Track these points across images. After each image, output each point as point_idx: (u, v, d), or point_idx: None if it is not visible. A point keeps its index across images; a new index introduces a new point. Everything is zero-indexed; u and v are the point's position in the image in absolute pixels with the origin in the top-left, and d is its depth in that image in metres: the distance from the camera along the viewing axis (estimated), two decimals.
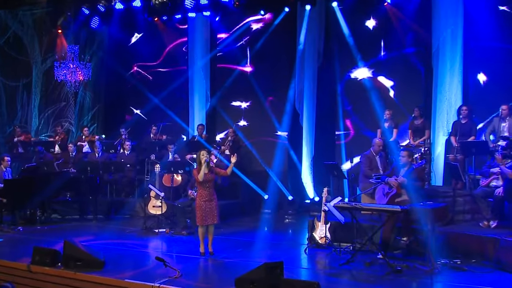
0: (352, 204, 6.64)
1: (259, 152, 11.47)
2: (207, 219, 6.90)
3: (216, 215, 6.96)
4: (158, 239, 8.35)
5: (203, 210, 6.89)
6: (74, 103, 13.16)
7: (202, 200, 6.93)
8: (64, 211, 10.16)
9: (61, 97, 13.09)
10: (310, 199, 10.71)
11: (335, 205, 6.91)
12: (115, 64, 12.71)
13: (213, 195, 6.99)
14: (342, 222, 6.96)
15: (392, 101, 10.42)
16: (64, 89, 12.39)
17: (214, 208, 6.94)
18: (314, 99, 11.03)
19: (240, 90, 12.02)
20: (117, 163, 10.58)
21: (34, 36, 12.79)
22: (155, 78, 13.01)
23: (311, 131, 11.08)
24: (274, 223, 9.36)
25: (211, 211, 6.91)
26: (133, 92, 13.08)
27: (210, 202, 6.93)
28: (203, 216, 6.89)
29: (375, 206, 6.76)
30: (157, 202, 9.07)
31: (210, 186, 6.97)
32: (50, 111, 13.09)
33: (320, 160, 10.53)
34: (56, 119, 13.10)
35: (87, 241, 7.68)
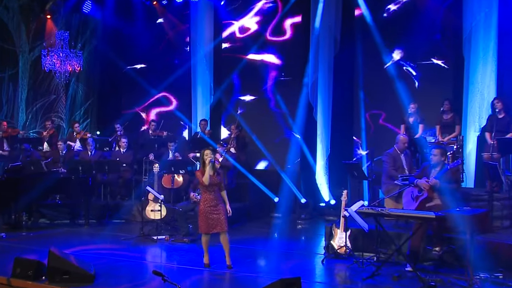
0: (378, 210, 6.22)
1: (269, 150, 11.37)
2: (213, 227, 6.55)
3: (224, 221, 6.60)
4: (157, 247, 8.09)
5: (208, 216, 6.55)
6: (65, 97, 12.94)
7: (207, 205, 6.58)
8: (53, 215, 9.95)
9: (51, 89, 12.84)
10: (325, 202, 10.56)
11: (357, 210, 6.56)
12: (110, 54, 12.54)
13: (219, 199, 6.65)
14: (366, 230, 6.62)
15: (417, 93, 10.09)
16: (54, 80, 12.13)
17: (221, 214, 6.59)
18: (330, 90, 10.80)
19: (248, 81, 11.93)
20: (112, 162, 10.33)
21: (20, 22, 12.49)
22: (154, 68, 12.93)
23: (327, 126, 10.87)
24: (286, 229, 9.17)
25: (218, 218, 6.57)
26: (130, 84, 12.92)
27: (216, 208, 6.58)
28: (208, 223, 6.54)
29: (406, 212, 6.33)
30: (155, 205, 8.90)
31: (215, 189, 6.64)
32: (38, 105, 12.81)
33: (336, 159, 10.40)
34: (45, 114, 12.80)
35: (76, 250, 7.45)
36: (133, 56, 12.83)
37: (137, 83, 12.41)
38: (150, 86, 12.40)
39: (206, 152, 6.63)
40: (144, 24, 12.74)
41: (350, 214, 6.67)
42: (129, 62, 12.76)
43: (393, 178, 7.60)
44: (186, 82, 12.34)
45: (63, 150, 10.76)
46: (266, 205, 10.62)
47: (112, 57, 12.50)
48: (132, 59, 12.83)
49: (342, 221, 7.18)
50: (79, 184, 9.60)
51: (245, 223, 9.80)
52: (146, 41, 12.69)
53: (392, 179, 7.65)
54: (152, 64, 12.96)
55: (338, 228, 7.23)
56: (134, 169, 11.02)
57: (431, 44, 10.11)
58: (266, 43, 11.71)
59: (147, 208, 9.06)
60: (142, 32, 12.69)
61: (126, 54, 12.73)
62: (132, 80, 12.66)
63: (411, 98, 9.60)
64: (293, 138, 10.88)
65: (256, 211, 10.38)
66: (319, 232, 9.11)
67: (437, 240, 6.60)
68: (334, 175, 10.62)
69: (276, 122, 11.55)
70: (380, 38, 10.16)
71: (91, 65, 13.04)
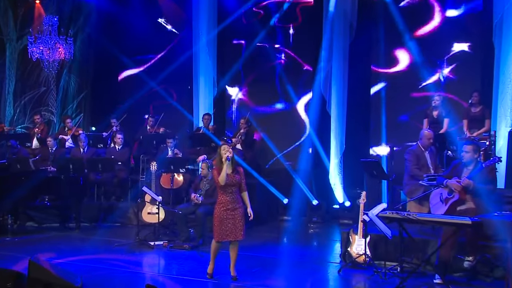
0: (404, 214, 5.87)
1: (278, 147, 11.16)
2: (229, 234, 6.16)
3: (241, 228, 6.21)
4: (154, 254, 7.87)
5: (224, 222, 6.15)
6: (56, 89, 12.78)
7: (223, 208, 6.18)
8: (41, 218, 9.75)
9: (41, 81, 12.66)
10: (339, 204, 10.38)
11: (379, 214, 6.21)
12: (105, 42, 12.26)
13: (238, 202, 6.26)
14: (389, 236, 6.27)
15: (442, 84, 9.94)
16: (44, 71, 11.85)
17: (238, 219, 6.19)
18: (344, 81, 10.53)
19: (255, 71, 11.83)
20: (106, 160, 10.14)
21: (7, 8, 12.30)
22: (153, 58, 12.86)
23: (341, 120, 10.60)
24: (296, 234, 9.04)
25: (235, 224, 6.17)
26: (126, 76, 12.88)
27: (234, 212, 6.18)
28: (222, 229, 6.15)
29: (438, 217, 5.94)
30: (153, 208, 8.58)
31: (234, 191, 6.24)
32: (27, 98, 12.67)
33: (351, 156, 10.23)
34: (34, 108, 12.62)
35: (63, 258, 7.22)
36: (130, 45, 12.64)
37: (135, 74, 12.37)
38: (149, 77, 12.28)
39: (224, 147, 6.25)
40: (142, 10, 12.57)
41: (371, 218, 6.34)
42: (125, 51, 12.55)
43: (417, 178, 7.35)
44: (187, 72, 12.20)
45: (52, 147, 10.57)
46: (275, 207, 10.50)
47: (107, 46, 12.19)
48: (128, 48, 12.64)
49: (360, 226, 6.93)
50: (70, 184, 9.38)
51: (251, 226, 9.21)
52: (144, 28, 12.53)
53: (415, 179, 7.39)
54: (151, 53, 12.86)
55: (356, 234, 6.98)
56: (131, 167, 10.91)
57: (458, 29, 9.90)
58: (274, 30, 11.61)
59: (144, 210, 8.73)
60: (140, 19, 12.52)
61: (123, 42, 12.52)
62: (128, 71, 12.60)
63: (435, 89, 9.44)
64: (304, 134, 10.81)
65: (264, 214, 10.18)
66: (333, 238, 9.03)
67: (470, 249, 6.27)
68: (349, 174, 10.42)
69: (286, 116, 11.51)
70: (402, 23, 9.91)
71: (85, 55, 12.85)
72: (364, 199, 7.04)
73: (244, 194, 6.33)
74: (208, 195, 8.18)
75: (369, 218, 6.39)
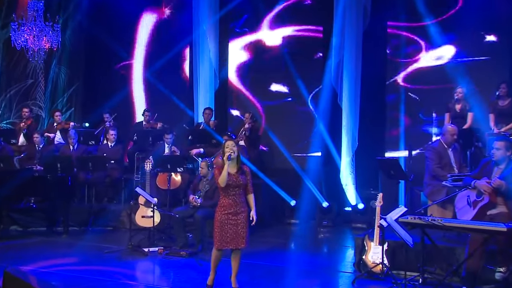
0: (428, 220, 5.57)
1: (285, 144, 11.01)
2: (229, 241, 5.81)
3: (244, 236, 5.85)
4: (148, 262, 7.68)
5: (224, 227, 5.80)
6: (44, 81, 12.65)
7: (224, 212, 5.82)
8: (27, 221, 9.59)
9: (28, 73, 12.54)
10: (351, 206, 10.20)
11: (398, 219, 5.92)
12: (97, 31, 12.12)
13: (242, 206, 5.87)
14: (411, 244, 5.93)
15: (466, 74, 9.56)
16: (31, 62, 11.64)
17: (241, 226, 5.82)
18: (358, 71, 10.27)
19: (259, 61, 11.71)
20: (98, 158, 10.03)
21: None
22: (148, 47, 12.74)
23: (354, 115, 10.34)
24: (304, 239, 9.00)
25: (236, 231, 5.81)
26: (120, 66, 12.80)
27: (236, 217, 5.81)
28: (222, 236, 5.80)
29: (468, 224, 5.62)
30: (147, 211, 8.50)
31: (237, 193, 5.84)
32: (13, 91, 12.53)
33: (365, 154, 10.08)
34: (21, 102, 12.43)
35: (47, 267, 7.00)
36: (125, 34, 12.58)
37: (129, 65, 12.30)
38: (144, 68, 12.31)
39: (228, 144, 5.87)
40: None
41: (389, 224, 6.00)
42: (119, 40, 12.42)
43: (439, 179, 7.14)
44: (185, 63, 12.19)
45: (39, 144, 10.42)
46: (281, 209, 10.44)
47: (100, 35, 12.02)
48: (123, 37, 12.55)
49: (377, 232, 6.66)
50: (57, 184, 9.21)
51: (256, 231, 9.08)
52: (139, 15, 12.47)
53: (437, 180, 7.19)
54: (147, 42, 12.77)
55: (372, 241, 6.72)
56: (124, 166, 10.80)
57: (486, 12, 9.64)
58: (280, 15, 11.46)
59: (138, 213, 8.65)
60: (135, 6, 12.43)
61: (116, 31, 12.39)
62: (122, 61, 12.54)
63: (458, 80, 9.21)
64: (314, 129, 10.66)
65: (269, 217, 10.05)
66: (345, 243, 8.94)
67: (502, 258, 5.99)
68: (362, 173, 10.24)
69: (294, 110, 11.40)
70: (423, 7, 9.72)
71: (75, 44, 12.74)
72: (381, 201, 6.78)
73: (250, 196, 5.98)
74: (208, 197, 7.99)
75: (387, 223, 6.08)
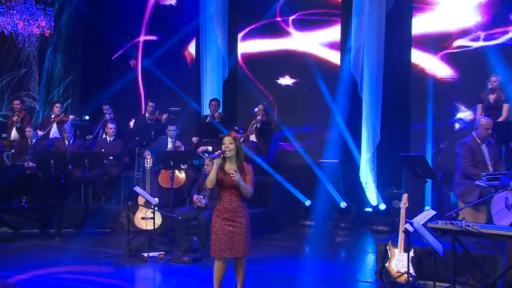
0: (461, 225, 5.29)
1: (300, 139, 11.01)
2: (224, 250, 5.48)
3: (242, 243, 5.48)
4: (147, 268, 7.55)
5: (218, 234, 5.50)
6: (39, 71, 12.65)
7: (219, 216, 5.53)
8: (18, 223, 9.60)
9: (21, 61, 12.58)
10: (372, 206, 10.12)
11: (427, 224, 5.67)
12: (95, 17, 12.18)
13: (240, 211, 5.51)
14: (441, 253, 5.70)
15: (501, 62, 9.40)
16: (24, 50, 11.74)
17: (238, 235, 5.47)
18: (380, 59, 10.15)
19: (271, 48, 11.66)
20: (94, 154, 10.03)
21: None
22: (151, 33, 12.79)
23: (375, 106, 10.22)
24: (320, 243, 8.86)
25: (232, 237, 5.47)
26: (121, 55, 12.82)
27: (233, 224, 5.47)
28: (217, 243, 5.51)
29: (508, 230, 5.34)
30: (147, 212, 8.43)
31: (234, 195, 5.51)
32: (4, 81, 12.58)
33: (388, 149, 9.99)
34: (13, 93, 12.58)
35: (35, 274, 6.92)
36: (125, 19, 12.62)
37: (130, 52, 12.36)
38: (145, 55, 12.30)
39: (225, 139, 5.54)
40: None
41: (416, 229, 5.74)
42: (119, 26, 12.46)
43: (472, 177, 6.99)
44: (191, 49, 12.31)
45: (32, 139, 10.41)
46: (295, 210, 10.36)
47: (98, 21, 12.15)
48: (123, 23, 12.58)
49: (401, 237, 6.38)
50: (49, 182, 9.16)
51: (266, 234, 9.41)
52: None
53: (470, 179, 7.03)
54: (148, 28, 12.76)
55: (396, 247, 6.45)
56: (124, 162, 10.79)
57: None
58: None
59: (137, 215, 8.58)
60: None
61: (116, 17, 12.47)
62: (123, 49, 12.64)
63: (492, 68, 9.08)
64: (331, 123, 10.54)
65: (281, 218, 10.15)
66: (366, 248, 8.82)
67: None
68: (384, 171, 10.18)
69: (308, 102, 11.28)
70: None
71: (72, 31, 12.76)
72: (406, 203, 6.51)
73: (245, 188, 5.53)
74: (214, 197, 7.72)
75: (414, 228, 5.80)
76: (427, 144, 10.00)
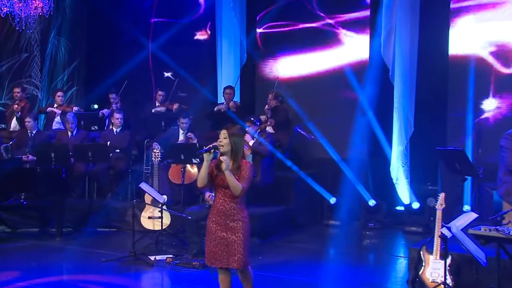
0: (509, 233, 5.04)
1: (323, 130, 10.81)
2: (218, 258, 5.24)
3: (238, 251, 5.19)
4: (153, 274, 7.47)
5: (211, 239, 5.27)
6: (41, 56, 12.65)
7: (211, 219, 5.30)
8: (16, 221, 9.64)
9: (21, 46, 12.58)
10: (404, 205, 10.03)
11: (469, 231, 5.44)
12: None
13: (235, 215, 5.22)
14: (483, 262, 5.46)
15: None
16: (26, 34, 11.83)
17: (233, 238, 5.20)
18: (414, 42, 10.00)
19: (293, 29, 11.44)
20: (98, 146, 10.05)
21: None
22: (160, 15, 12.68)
23: (409, 94, 10.12)
24: (346, 245, 8.70)
25: (227, 244, 5.20)
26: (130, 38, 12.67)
27: (225, 229, 5.20)
28: (210, 250, 5.28)
29: None
30: (155, 211, 8.42)
31: (228, 196, 5.24)
32: (4, 67, 12.62)
33: (422, 142, 9.91)
34: (13, 80, 12.57)
35: (28, 280, 6.85)
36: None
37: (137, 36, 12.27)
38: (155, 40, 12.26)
39: (220, 133, 5.30)
40: None
41: (455, 234, 5.55)
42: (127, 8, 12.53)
43: None
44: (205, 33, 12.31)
45: (32, 130, 10.40)
46: (318, 208, 10.39)
47: (104, 1, 12.29)
48: (131, 4, 12.63)
49: (437, 243, 6.20)
50: (49, 177, 9.12)
51: (285, 235, 9.35)
52: None
53: None
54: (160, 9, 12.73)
55: (431, 253, 6.26)
56: (132, 156, 10.86)
57: None
58: None
59: (143, 214, 8.59)
60: None
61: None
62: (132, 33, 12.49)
63: None
64: (358, 113, 10.43)
65: (303, 218, 10.14)
66: (397, 252, 8.61)
67: None
68: (417, 166, 10.07)
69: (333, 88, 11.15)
70: None
71: (77, 14, 12.78)
72: (443, 203, 6.34)
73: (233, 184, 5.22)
74: None
75: (452, 234, 5.62)
76: (467, 137, 9.81)
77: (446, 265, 6.06)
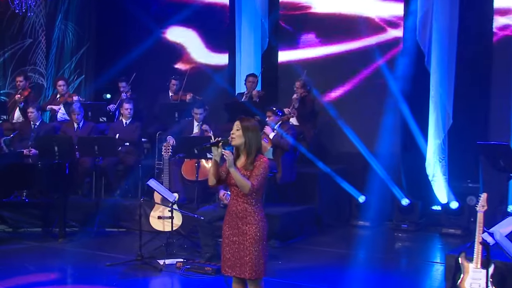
0: None
1: (352, 124, 10.75)
2: (230, 266, 5.08)
3: (250, 259, 4.99)
4: (161, 280, 7.43)
5: (225, 245, 5.14)
6: (46, 42, 12.62)
7: (225, 222, 5.17)
8: (18, 220, 9.65)
9: (26, 31, 12.58)
10: (441, 204, 9.93)
11: None
12: None
13: (248, 215, 5.03)
14: None
15: None
16: (31, 18, 11.87)
17: (245, 244, 5.00)
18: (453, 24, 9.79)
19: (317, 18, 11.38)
20: (106, 139, 10.03)
21: None
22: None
23: (447, 83, 9.93)
24: (376, 249, 8.58)
25: (239, 251, 5.02)
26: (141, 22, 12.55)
27: (238, 233, 5.02)
28: (224, 256, 5.15)
29: None
30: (165, 210, 8.29)
31: (240, 197, 5.05)
32: (7, 54, 12.63)
33: (462, 136, 9.82)
34: (17, 67, 12.57)
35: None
36: None
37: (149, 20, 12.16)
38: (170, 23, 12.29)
39: (234, 125, 5.13)
40: None
41: (498, 242, 5.35)
42: None
43: None
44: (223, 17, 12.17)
45: (35, 121, 10.36)
46: (346, 207, 10.39)
47: None
48: None
49: (478, 250, 6.05)
50: (51, 173, 9.02)
51: (309, 236, 9.31)
52: None
53: None
54: None
55: (471, 261, 6.11)
56: (143, 149, 10.84)
57: None
58: None
59: (152, 214, 8.49)
60: None
61: None
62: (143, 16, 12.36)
63: None
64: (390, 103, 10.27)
65: (328, 217, 10.09)
66: (432, 257, 8.55)
67: None
68: (456, 161, 9.94)
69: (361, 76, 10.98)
70: None
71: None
72: (485, 205, 6.18)
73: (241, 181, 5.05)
74: None
75: (495, 240, 5.40)
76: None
77: (488, 275, 5.87)
